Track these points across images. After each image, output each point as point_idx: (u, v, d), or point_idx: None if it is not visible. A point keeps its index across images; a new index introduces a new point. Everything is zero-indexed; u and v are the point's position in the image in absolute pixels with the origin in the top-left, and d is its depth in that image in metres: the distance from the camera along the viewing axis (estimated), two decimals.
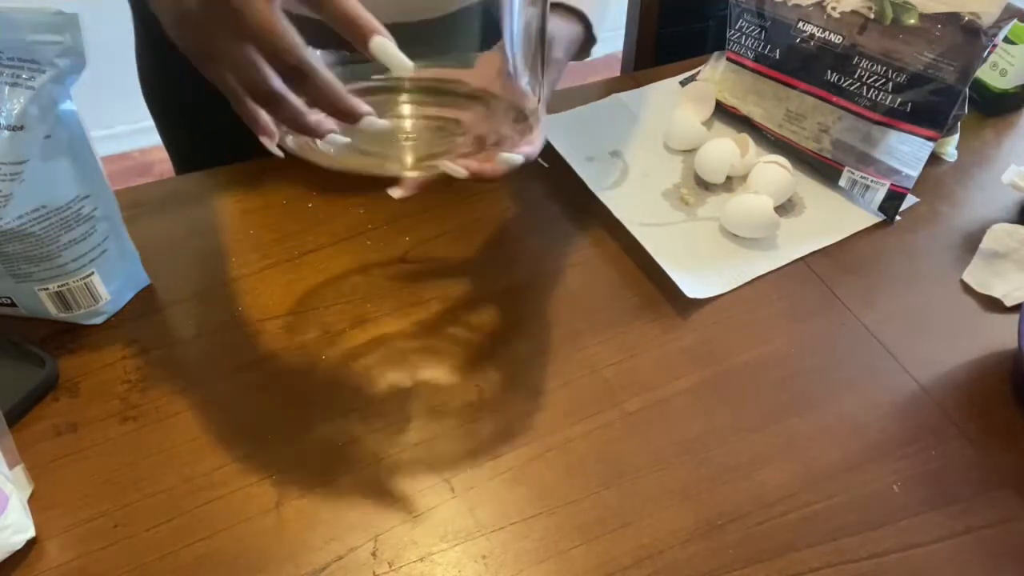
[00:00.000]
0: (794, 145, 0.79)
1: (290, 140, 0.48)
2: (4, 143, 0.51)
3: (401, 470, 0.56)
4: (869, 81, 0.73)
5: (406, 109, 0.53)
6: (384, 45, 0.40)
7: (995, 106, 0.85)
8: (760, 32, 0.80)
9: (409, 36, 0.40)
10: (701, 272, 0.69)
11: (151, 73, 0.85)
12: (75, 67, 0.53)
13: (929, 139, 0.72)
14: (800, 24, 0.76)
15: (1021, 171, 0.74)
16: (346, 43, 0.40)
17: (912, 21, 0.70)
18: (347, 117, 0.42)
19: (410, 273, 0.68)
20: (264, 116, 0.46)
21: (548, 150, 0.78)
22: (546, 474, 0.56)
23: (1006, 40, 0.78)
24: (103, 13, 0.77)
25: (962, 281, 0.70)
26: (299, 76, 0.40)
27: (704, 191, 0.77)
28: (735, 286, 0.68)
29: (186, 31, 0.41)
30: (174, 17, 0.41)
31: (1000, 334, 0.66)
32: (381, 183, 0.53)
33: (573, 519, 0.54)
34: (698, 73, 0.88)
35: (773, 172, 0.74)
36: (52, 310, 0.61)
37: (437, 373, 0.62)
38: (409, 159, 0.51)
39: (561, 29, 0.67)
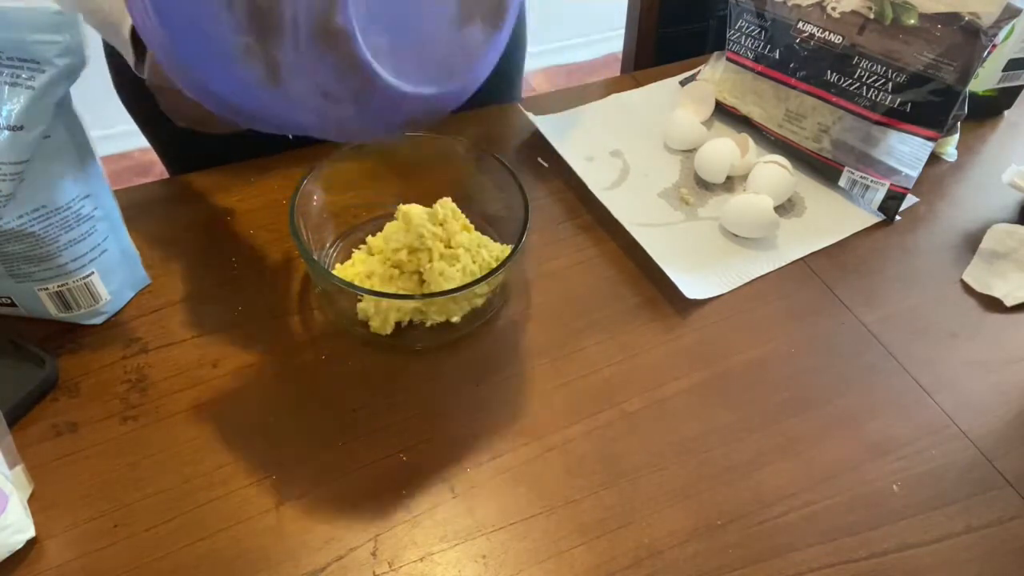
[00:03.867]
0: (794, 145, 0.79)
1: None
2: (4, 143, 0.51)
3: (401, 470, 0.56)
4: (869, 81, 0.73)
5: None
6: None
7: (973, 110, 0.84)
8: (760, 32, 0.80)
9: None
10: (701, 272, 0.69)
11: (128, 84, 0.85)
12: (75, 67, 0.53)
13: (929, 139, 0.72)
14: (800, 24, 0.76)
15: (1021, 171, 0.74)
16: None
17: (912, 21, 0.70)
18: None
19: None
20: None
21: (548, 150, 0.78)
22: (546, 474, 0.56)
23: None
24: None
25: (962, 281, 0.70)
26: None
27: (704, 191, 0.77)
28: (735, 286, 0.69)
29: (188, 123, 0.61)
30: (185, 115, 0.60)
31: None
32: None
33: (573, 519, 0.54)
34: (698, 73, 0.88)
35: (773, 172, 0.74)
36: (52, 310, 0.61)
37: (436, 373, 0.62)
38: None
39: None
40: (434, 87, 0.45)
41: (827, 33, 0.75)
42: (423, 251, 0.63)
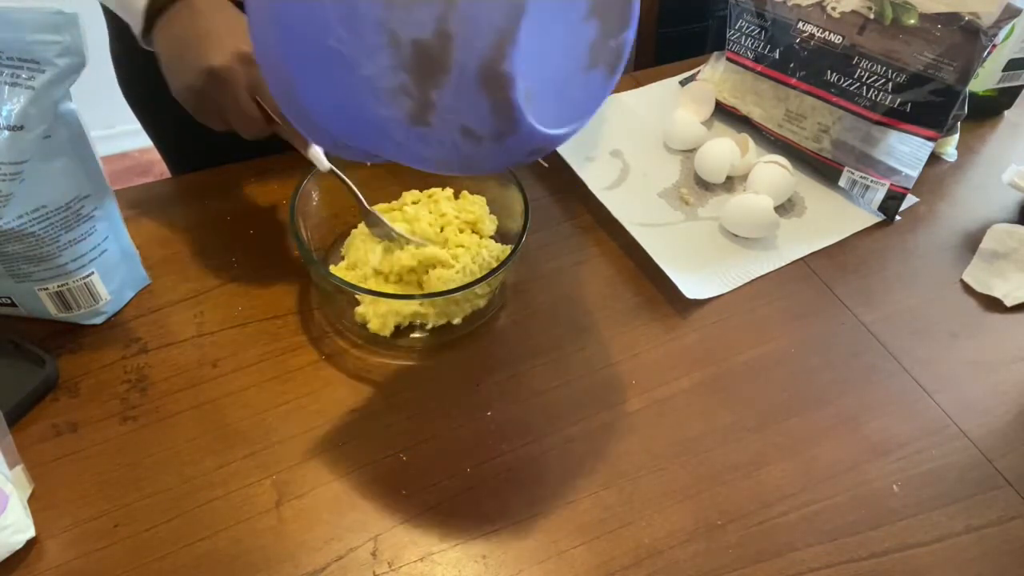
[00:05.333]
0: (794, 145, 0.79)
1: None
2: (4, 143, 0.51)
3: (401, 470, 0.56)
4: (869, 81, 0.73)
5: None
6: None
7: (973, 110, 0.84)
8: (760, 32, 0.80)
9: None
10: (701, 272, 0.69)
11: (131, 79, 0.85)
12: (75, 67, 0.53)
13: (929, 139, 0.72)
14: (800, 24, 0.76)
15: (1021, 171, 0.74)
16: None
17: (912, 21, 0.70)
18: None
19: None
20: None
21: None
22: (546, 474, 0.56)
23: None
24: (102, 13, 0.77)
25: (962, 281, 0.70)
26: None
27: (704, 191, 0.77)
28: (735, 286, 0.68)
29: (189, 103, 0.60)
30: (181, 92, 0.59)
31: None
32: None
33: (573, 519, 0.54)
34: (698, 73, 0.88)
35: (773, 172, 0.74)
36: (52, 310, 0.61)
37: (436, 373, 0.62)
38: None
39: None
40: (564, 128, 0.47)
41: (827, 33, 0.75)
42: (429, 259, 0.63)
